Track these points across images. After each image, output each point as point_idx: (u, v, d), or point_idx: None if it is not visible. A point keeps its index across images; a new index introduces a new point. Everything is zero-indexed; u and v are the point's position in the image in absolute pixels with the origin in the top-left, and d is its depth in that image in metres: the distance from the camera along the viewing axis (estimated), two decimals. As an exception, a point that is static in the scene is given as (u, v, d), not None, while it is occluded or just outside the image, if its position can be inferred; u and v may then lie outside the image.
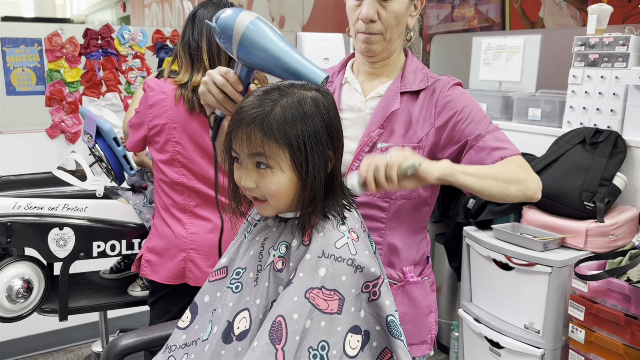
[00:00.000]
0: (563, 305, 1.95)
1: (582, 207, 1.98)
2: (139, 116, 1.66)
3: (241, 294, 0.98)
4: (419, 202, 1.21)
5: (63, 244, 1.83)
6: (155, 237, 1.73)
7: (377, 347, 0.95)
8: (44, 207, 1.83)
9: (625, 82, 2.08)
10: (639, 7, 2.07)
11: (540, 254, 1.96)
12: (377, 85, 1.23)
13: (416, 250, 1.26)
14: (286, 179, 0.92)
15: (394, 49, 1.22)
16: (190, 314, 1.07)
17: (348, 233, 0.95)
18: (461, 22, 3.54)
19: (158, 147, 1.66)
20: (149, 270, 1.73)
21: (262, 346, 0.86)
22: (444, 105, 1.17)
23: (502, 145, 1.12)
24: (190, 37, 1.62)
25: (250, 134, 0.90)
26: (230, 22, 0.99)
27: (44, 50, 2.59)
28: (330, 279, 0.91)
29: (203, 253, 1.68)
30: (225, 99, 1.05)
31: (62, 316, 1.89)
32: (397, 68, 1.24)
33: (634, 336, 1.68)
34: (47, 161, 2.51)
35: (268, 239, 1.00)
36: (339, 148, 0.97)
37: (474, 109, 1.16)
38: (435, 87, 1.20)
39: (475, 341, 2.23)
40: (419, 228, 1.26)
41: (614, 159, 2.04)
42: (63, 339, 2.83)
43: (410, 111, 1.19)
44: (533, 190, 1.09)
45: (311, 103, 0.92)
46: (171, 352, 1.05)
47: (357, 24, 1.17)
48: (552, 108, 2.38)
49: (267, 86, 0.95)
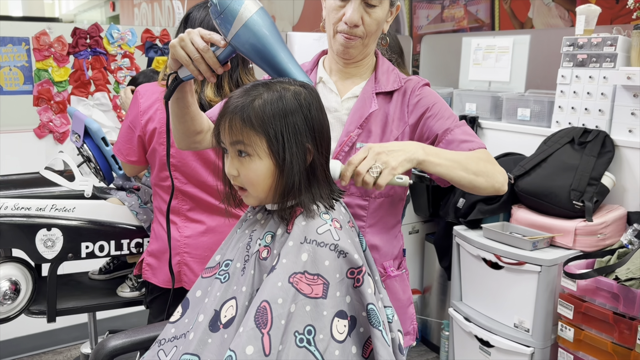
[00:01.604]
0: (552, 304, 1.96)
1: (571, 207, 1.99)
2: (131, 122, 1.64)
3: (228, 284, 0.99)
4: (395, 198, 1.26)
5: (51, 245, 1.81)
6: (154, 241, 1.73)
7: (364, 333, 0.96)
8: (32, 207, 1.81)
9: (613, 82, 2.09)
10: (627, 7, 2.09)
11: (530, 253, 1.97)
12: (351, 86, 1.26)
13: (394, 245, 1.30)
14: (264, 167, 0.95)
15: (369, 52, 1.25)
16: (182, 309, 1.08)
17: (331, 221, 0.97)
18: (451, 22, 3.56)
19: (152, 148, 1.64)
20: (150, 274, 1.72)
21: (247, 331, 0.87)
22: (416, 104, 1.22)
23: (469, 139, 1.18)
24: None
25: (231, 122, 0.95)
26: (235, 6, 0.98)
27: (31, 50, 2.56)
28: (313, 263, 0.92)
29: (197, 257, 1.66)
30: (200, 59, 1.02)
31: (50, 318, 1.87)
32: (369, 69, 1.28)
33: (622, 334, 1.70)
34: (35, 161, 2.49)
35: (256, 230, 1.03)
36: (323, 141, 0.99)
37: (442, 107, 1.22)
38: (406, 87, 1.24)
39: (466, 340, 2.24)
40: (394, 223, 1.30)
41: (603, 159, 2.05)
42: (51, 340, 2.81)
43: (386, 111, 1.23)
44: (500, 183, 1.14)
45: (292, 96, 0.95)
46: (161, 346, 1.06)
47: (338, 25, 1.18)
48: (541, 108, 2.40)
49: (256, 81, 1.00)
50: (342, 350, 0.91)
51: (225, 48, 1.02)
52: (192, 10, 1.63)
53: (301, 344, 0.88)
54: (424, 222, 2.92)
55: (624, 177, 2.08)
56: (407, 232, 2.85)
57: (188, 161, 1.63)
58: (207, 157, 1.63)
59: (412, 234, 2.88)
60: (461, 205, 2.30)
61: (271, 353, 0.86)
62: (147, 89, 1.64)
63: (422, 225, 2.92)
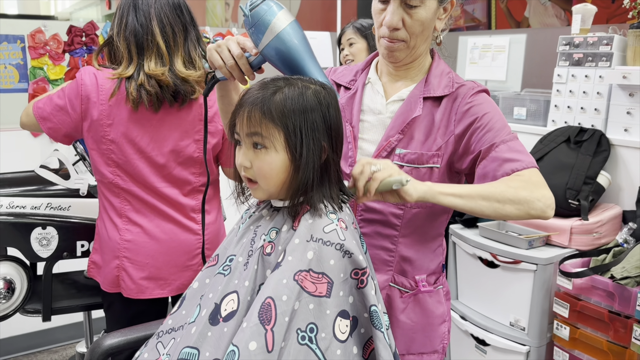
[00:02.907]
0: (548, 303, 1.96)
1: (567, 205, 2.00)
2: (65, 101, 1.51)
3: (230, 277, 0.99)
4: (435, 210, 1.17)
5: (46, 244, 1.80)
6: (97, 239, 1.65)
7: (365, 334, 0.96)
8: (27, 206, 1.80)
9: (609, 82, 2.10)
10: (623, 7, 2.09)
11: (526, 251, 1.97)
12: (400, 88, 1.20)
13: (430, 259, 1.23)
14: (279, 160, 0.95)
15: (419, 54, 1.18)
16: (179, 302, 1.09)
17: (337, 221, 0.97)
18: (447, 21, 3.56)
19: (91, 143, 1.54)
20: (95, 272, 1.66)
21: (251, 327, 0.87)
22: (464, 113, 1.12)
23: (515, 157, 1.06)
24: (135, 23, 1.47)
25: (250, 113, 0.95)
26: (268, 17, 1.00)
27: (26, 47, 2.55)
28: (318, 261, 0.92)
29: (137, 263, 1.56)
30: (234, 66, 1.07)
31: (45, 316, 1.86)
32: (422, 71, 1.21)
33: (617, 332, 1.70)
34: (31, 159, 2.48)
35: (261, 226, 1.03)
36: (337, 142, 1.00)
37: (494, 117, 1.11)
38: (458, 94, 1.15)
39: (462, 339, 2.24)
40: (434, 236, 1.22)
41: (598, 158, 2.06)
42: (47, 339, 2.80)
43: (432, 117, 1.15)
44: (540, 210, 1.02)
45: (312, 94, 0.96)
46: (159, 338, 1.06)
47: (380, 29, 1.13)
48: (537, 107, 2.40)
49: (276, 77, 1.00)
50: (344, 350, 0.91)
51: (257, 57, 1.06)
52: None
53: (303, 341, 0.88)
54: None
55: (620, 176, 2.09)
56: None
57: (131, 160, 1.52)
58: (153, 159, 1.53)
59: (408, 232, 2.88)
60: (457, 204, 2.30)
61: (274, 350, 0.86)
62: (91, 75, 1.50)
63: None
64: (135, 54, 1.48)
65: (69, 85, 1.52)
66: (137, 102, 1.47)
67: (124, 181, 1.54)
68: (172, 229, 1.59)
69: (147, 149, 1.52)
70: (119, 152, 1.51)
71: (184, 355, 0.94)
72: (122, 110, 1.49)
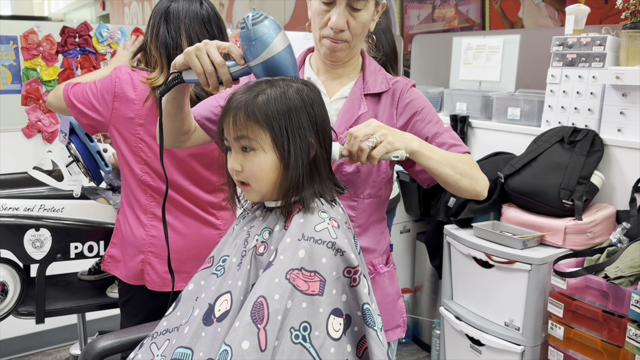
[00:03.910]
0: (542, 302, 1.97)
1: (561, 205, 2.00)
2: (97, 94, 1.56)
3: (224, 278, 0.99)
4: (382, 198, 1.28)
5: (39, 246, 1.79)
6: (118, 233, 1.69)
7: (358, 332, 0.97)
8: (20, 207, 1.79)
9: (602, 82, 2.10)
10: (616, 7, 2.10)
11: (520, 251, 1.98)
12: (339, 86, 1.26)
13: (379, 240, 1.31)
14: (268, 160, 0.96)
15: (355, 53, 1.25)
16: (175, 303, 1.09)
17: (329, 220, 0.97)
18: (442, 22, 3.56)
19: (121, 140, 1.58)
20: (111, 266, 1.70)
21: (244, 326, 0.87)
22: (405, 106, 1.23)
23: (458, 143, 1.20)
24: (166, 35, 1.52)
25: (236, 117, 0.96)
26: (267, 38, 1.00)
27: (19, 48, 2.54)
28: (310, 260, 0.92)
29: (161, 257, 1.62)
30: (213, 73, 1.02)
31: (38, 319, 1.85)
32: (356, 69, 1.28)
33: (611, 332, 1.71)
34: (24, 161, 2.46)
35: (254, 227, 1.03)
36: (325, 136, 1.01)
37: (431, 111, 1.23)
38: (395, 89, 1.25)
39: (457, 339, 2.25)
40: (380, 219, 1.31)
41: (592, 158, 2.06)
42: (41, 341, 2.78)
43: (375, 112, 1.23)
44: (481, 188, 1.17)
45: (295, 93, 0.97)
46: (153, 339, 1.06)
47: (324, 30, 1.17)
48: (531, 107, 2.41)
49: (259, 79, 1.02)
50: (338, 348, 0.92)
51: (242, 69, 1.05)
52: (170, 3, 1.53)
53: (297, 340, 0.88)
54: (415, 221, 2.92)
55: (613, 176, 2.10)
56: (398, 231, 2.85)
57: (158, 157, 1.58)
58: (178, 156, 1.59)
59: (403, 233, 2.88)
60: (452, 204, 2.31)
61: (267, 349, 0.86)
62: (128, 75, 1.56)
63: (414, 225, 2.92)
64: (166, 65, 1.53)
65: (102, 80, 1.59)
66: None
67: (152, 179, 1.60)
68: (195, 224, 1.64)
69: (173, 151, 1.57)
70: (148, 151, 1.58)
71: (178, 355, 0.94)
72: (153, 112, 1.56)
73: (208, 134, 1.25)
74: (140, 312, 1.69)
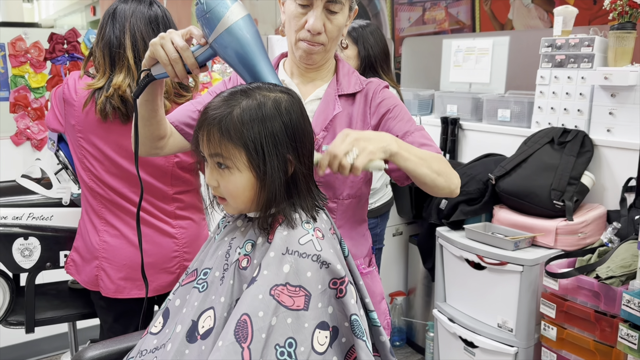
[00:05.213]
0: (535, 304, 1.97)
1: (552, 206, 2.01)
2: (54, 102, 1.59)
3: (207, 293, 0.97)
4: (362, 198, 1.28)
5: (28, 254, 1.78)
6: (79, 238, 1.68)
7: (346, 343, 0.95)
8: (8, 216, 1.77)
9: (591, 83, 2.11)
10: (604, 9, 2.11)
11: (512, 253, 1.98)
12: (313, 88, 1.27)
13: (362, 243, 1.31)
14: (243, 180, 0.94)
15: (330, 56, 1.26)
16: (163, 319, 1.06)
17: (313, 231, 0.96)
18: (432, 24, 3.57)
19: (70, 146, 1.59)
20: (72, 270, 1.69)
21: (227, 345, 0.85)
22: (378, 105, 1.24)
23: (428, 143, 1.19)
24: (111, 35, 1.49)
25: (210, 134, 0.93)
26: (221, 9, 0.97)
27: (7, 56, 2.52)
28: (295, 275, 0.91)
29: (115, 264, 1.59)
30: (178, 59, 1.01)
31: (28, 328, 1.83)
32: (330, 71, 1.29)
33: (603, 332, 1.71)
34: (13, 169, 2.44)
35: (236, 238, 1.01)
36: (304, 150, 0.97)
37: (403, 110, 1.24)
38: (368, 89, 1.26)
39: (450, 341, 2.24)
40: (361, 221, 1.30)
41: (582, 158, 2.07)
42: (31, 351, 2.76)
43: (349, 113, 1.24)
44: (455, 185, 1.16)
45: (272, 105, 0.93)
46: (142, 356, 1.04)
47: (300, 32, 1.17)
48: (521, 109, 2.41)
49: (236, 88, 0.97)
50: None
51: (205, 50, 1.02)
52: (118, 4, 1.52)
53: (282, 357, 0.87)
54: (407, 223, 2.92)
55: (603, 176, 2.10)
56: (390, 234, 2.85)
57: (99, 170, 1.57)
58: (122, 168, 1.56)
59: (395, 235, 2.88)
60: (444, 206, 2.31)
61: None
62: (74, 82, 1.55)
63: (406, 227, 2.92)
64: (108, 66, 1.51)
65: (58, 87, 1.59)
66: (104, 114, 1.49)
67: (98, 186, 1.58)
68: (149, 232, 1.61)
69: (115, 159, 1.55)
70: (91, 159, 1.56)
71: None
72: (92, 119, 1.52)
73: (187, 139, 1.24)
74: (108, 317, 1.68)
